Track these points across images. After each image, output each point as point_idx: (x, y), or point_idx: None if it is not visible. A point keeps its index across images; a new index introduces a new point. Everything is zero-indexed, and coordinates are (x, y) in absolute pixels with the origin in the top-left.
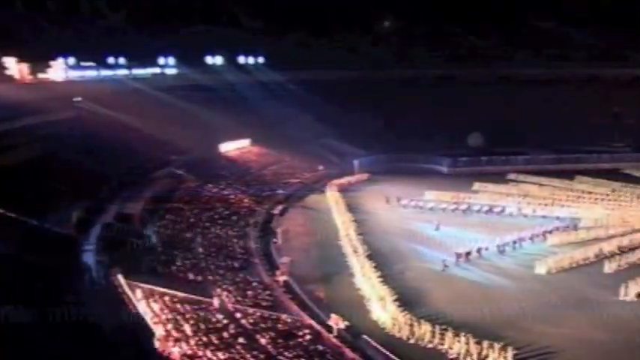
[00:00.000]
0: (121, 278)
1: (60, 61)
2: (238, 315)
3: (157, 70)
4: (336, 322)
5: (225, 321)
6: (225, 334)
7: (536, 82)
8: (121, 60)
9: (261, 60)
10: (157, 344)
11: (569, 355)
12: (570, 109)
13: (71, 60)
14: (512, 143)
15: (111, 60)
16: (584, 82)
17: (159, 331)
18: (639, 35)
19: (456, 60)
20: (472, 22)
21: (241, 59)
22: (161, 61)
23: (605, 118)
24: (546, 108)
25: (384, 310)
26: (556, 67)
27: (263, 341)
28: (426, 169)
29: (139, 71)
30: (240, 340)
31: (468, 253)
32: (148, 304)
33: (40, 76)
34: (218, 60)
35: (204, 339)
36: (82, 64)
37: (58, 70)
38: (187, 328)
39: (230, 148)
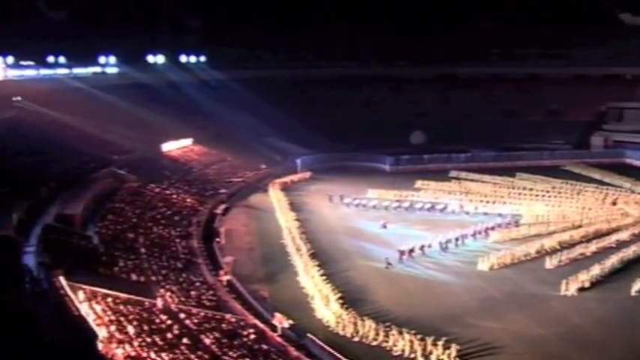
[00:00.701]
0: (62, 280)
1: None
2: (182, 315)
3: (98, 69)
4: (280, 321)
5: (169, 321)
6: (169, 335)
7: (477, 80)
8: (61, 59)
9: (202, 59)
10: (100, 346)
11: (512, 349)
12: (510, 107)
13: (10, 59)
14: (453, 141)
15: (51, 59)
16: (523, 80)
17: (102, 332)
18: (576, 34)
19: (396, 59)
20: (412, 22)
21: (183, 58)
22: (102, 60)
23: (544, 116)
24: (487, 106)
25: (328, 309)
26: (496, 66)
27: (207, 341)
28: (368, 167)
29: (79, 70)
30: (185, 340)
31: (411, 251)
32: (90, 306)
33: None
34: (159, 59)
35: (148, 340)
36: (22, 63)
37: None
38: (131, 330)
39: (172, 147)
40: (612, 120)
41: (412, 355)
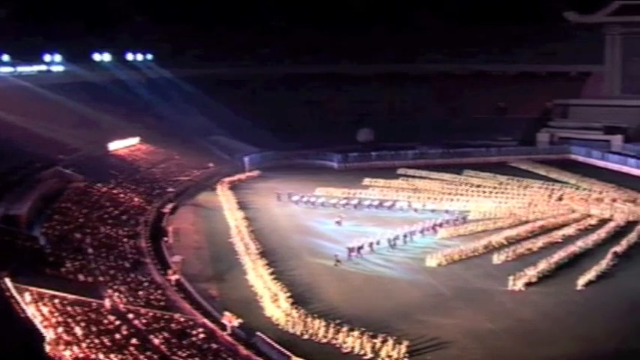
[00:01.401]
0: (8, 282)
1: None
2: (131, 316)
3: (43, 67)
4: (229, 319)
5: (117, 322)
6: (117, 336)
7: (424, 78)
8: (5, 57)
9: (149, 57)
10: (47, 348)
11: (461, 344)
12: (457, 104)
13: None
14: (401, 138)
15: None
16: (469, 77)
17: (49, 334)
18: (522, 32)
19: (343, 57)
20: (358, 20)
21: (129, 56)
22: (47, 58)
23: (490, 113)
24: (434, 103)
25: (277, 307)
26: (442, 64)
27: (156, 341)
28: (316, 165)
29: (24, 68)
30: (133, 341)
31: (360, 248)
32: (37, 308)
33: None
34: (106, 57)
35: (97, 341)
36: None
37: None
38: (79, 331)
39: (119, 146)
40: (558, 117)
41: (362, 352)
